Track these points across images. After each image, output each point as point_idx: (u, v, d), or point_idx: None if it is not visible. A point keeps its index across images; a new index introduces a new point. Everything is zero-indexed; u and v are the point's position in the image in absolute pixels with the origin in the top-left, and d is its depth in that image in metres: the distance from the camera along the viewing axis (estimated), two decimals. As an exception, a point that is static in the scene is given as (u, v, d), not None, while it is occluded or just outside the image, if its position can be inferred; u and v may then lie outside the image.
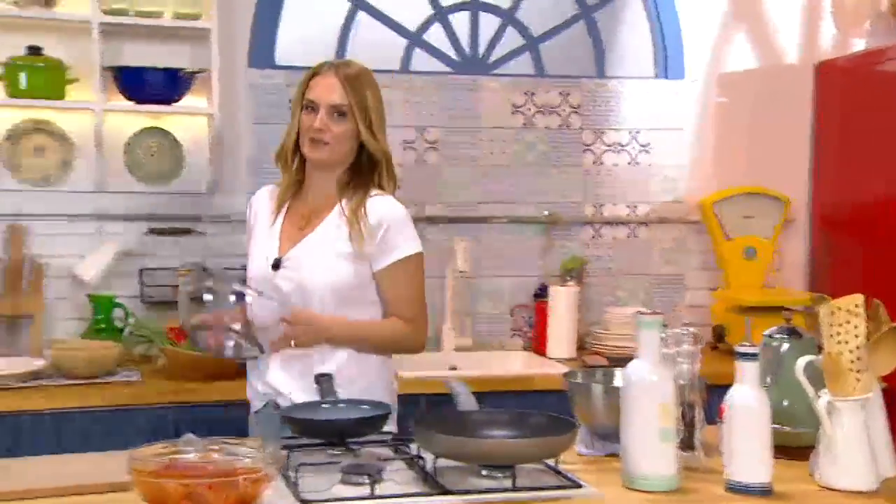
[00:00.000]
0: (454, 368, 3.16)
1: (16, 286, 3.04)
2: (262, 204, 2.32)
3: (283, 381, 2.18)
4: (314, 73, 2.23)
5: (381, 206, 2.19)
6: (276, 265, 2.19)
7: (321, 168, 2.22)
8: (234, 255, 2.97)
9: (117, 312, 3.08)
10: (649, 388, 1.71)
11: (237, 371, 2.48)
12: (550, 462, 1.74)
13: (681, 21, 3.64)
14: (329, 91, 2.17)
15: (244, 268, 2.34)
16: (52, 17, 3.04)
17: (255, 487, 1.45)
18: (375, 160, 2.22)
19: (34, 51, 3.03)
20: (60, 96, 3.05)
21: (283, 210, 2.26)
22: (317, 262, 2.17)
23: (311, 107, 2.18)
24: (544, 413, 1.83)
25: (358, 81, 2.20)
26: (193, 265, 2.89)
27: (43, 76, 3.01)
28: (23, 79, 3.00)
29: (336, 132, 2.17)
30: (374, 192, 2.22)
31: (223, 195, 3.24)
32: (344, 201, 2.20)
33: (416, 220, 3.43)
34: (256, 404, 2.25)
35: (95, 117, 3.07)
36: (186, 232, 3.19)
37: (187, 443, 1.56)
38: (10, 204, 3.10)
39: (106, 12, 3.04)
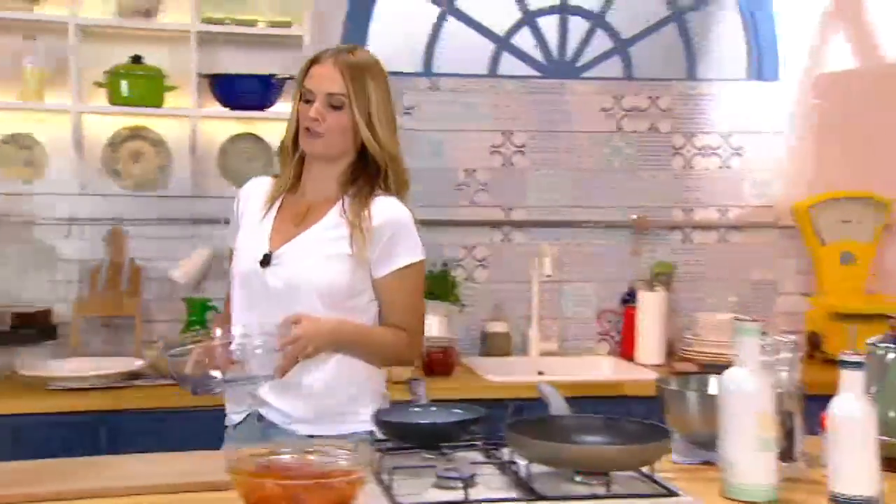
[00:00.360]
0: (541, 373, 3.14)
1: (115, 288, 3.14)
2: (253, 196, 2.13)
3: (268, 392, 2.03)
4: (314, 60, 2.05)
5: (386, 210, 2.02)
6: (266, 261, 2.01)
7: (319, 161, 2.05)
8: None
9: (211, 315, 3.15)
10: (748, 397, 1.68)
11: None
12: (645, 469, 1.72)
13: (776, 22, 3.56)
14: (325, 80, 2.00)
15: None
16: (153, 26, 3.12)
17: (352, 489, 1.46)
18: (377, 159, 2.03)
19: (136, 60, 3.12)
20: (159, 103, 3.13)
21: (277, 204, 2.09)
22: (310, 261, 2.00)
23: (308, 96, 2.01)
24: (638, 419, 1.81)
25: (359, 70, 2.00)
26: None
27: (143, 84, 3.10)
28: (124, 87, 3.09)
29: (331, 123, 1.99)
30: (378, 192, 2.04)
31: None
32: (346, 200, 2.03)
33: (503, 224, 3.51)
34: (235, 417, 2.10)
35: (191, 123, 3.15)
36: (278, 235, 3.25)
37: (283, 444, 1.59)
38: (111, 208, 3.20)
39: (204, 21, 3.11)
